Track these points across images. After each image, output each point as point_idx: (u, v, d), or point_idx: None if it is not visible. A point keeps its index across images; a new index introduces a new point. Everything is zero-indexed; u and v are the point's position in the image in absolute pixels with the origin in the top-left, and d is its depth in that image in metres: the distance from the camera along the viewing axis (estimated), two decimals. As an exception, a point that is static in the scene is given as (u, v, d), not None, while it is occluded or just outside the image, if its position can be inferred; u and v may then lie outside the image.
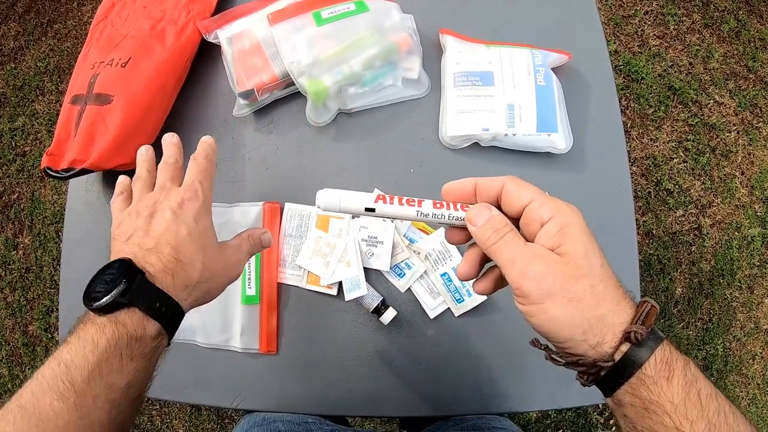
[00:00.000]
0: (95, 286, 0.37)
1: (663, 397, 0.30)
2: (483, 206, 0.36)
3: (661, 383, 0.30)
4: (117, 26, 0.76)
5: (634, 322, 0.31)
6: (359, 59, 0.69)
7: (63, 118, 0.70)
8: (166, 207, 0.42)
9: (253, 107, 0.74)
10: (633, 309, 0.32)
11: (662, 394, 0.30)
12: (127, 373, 0.35)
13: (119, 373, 0.35)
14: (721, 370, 1.53)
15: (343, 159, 0.74)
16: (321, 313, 0.69)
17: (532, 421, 1.50)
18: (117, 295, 0.36)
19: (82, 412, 0.33)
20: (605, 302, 0.32)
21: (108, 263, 0.38)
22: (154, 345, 0.37)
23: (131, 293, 0.36)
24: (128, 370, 0.35)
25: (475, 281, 0.39)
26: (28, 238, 1.70)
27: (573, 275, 0.32)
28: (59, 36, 1.87)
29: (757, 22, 1.75)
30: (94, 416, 0.33)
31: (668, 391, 0.30)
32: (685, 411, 0.29)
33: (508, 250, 0.34)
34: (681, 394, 0.30)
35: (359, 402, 0.67)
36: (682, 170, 1.63)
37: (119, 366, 0.35)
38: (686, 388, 0.30)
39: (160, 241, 0.40)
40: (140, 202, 0.44)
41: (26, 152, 1.76)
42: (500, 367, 0.67)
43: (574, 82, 0.75)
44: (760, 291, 1.57)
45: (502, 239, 0.34)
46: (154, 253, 0.39)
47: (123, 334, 0.36)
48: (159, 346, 0.37)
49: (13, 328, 1.65)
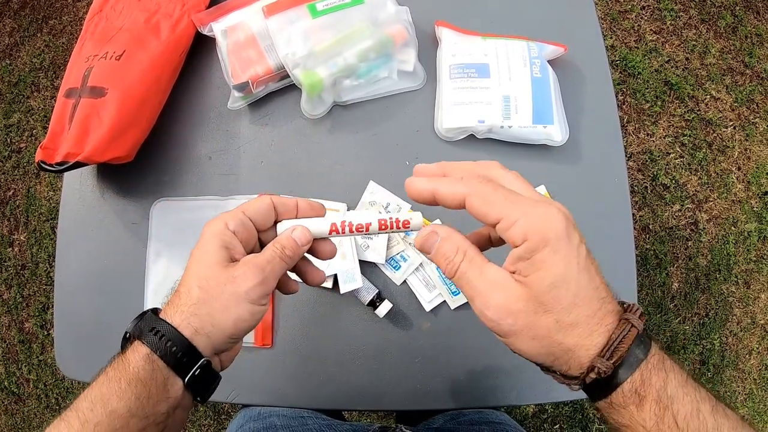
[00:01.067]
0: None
1: (634, 422, 0.30)
2: (430, 232, 0.34)
3: (631, 409, 0.30)
4: (111, 19, 0.75)
5: (603, 353, 0.29)
6: (354, 51, 0.69)
7: (57, 112, 0.70)
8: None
9: (247, 100, 0.74)
10: (607, 335, 0.30)
11: (633, 418, 0.30)
12: (128, 398, 0.33)
13: (119, 398, 0.33)
14: (717, 365, 1.54)
15: (339, 151, 0.73)
16: (316, 307, 0.69)
17: (529, 415, 1.50)
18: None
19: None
20: (574, 335, 0.30)
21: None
22: (143, 367, 0.34)
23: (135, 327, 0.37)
24: (128, 394, 0.33)
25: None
26: (24, 234, 1.69)
27: (536, 311, 0.30)
28: (54, 32, 1.86)
29: (754, 17, 1.75)
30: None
31: (639, 416, 0.29)
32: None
33: (467, 282, 0.32)
34: (653, 419, 0.29)
35: (355, 396, 0.67)
36: (679, 165, 1.63)
37: (118, 389, 0.33)
38: (659, 413, 0.29)
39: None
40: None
41: (21, 149, 1.75)
42: (496, 360, 0.67)
43: (570, 75, 0.75)
44: (756, 286, 1.57)
45: (458, 271, 0.32)
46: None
47: (117, 357, 0.36)
48: (154, 370, 0.34)
49: (9, 325, 1.65)
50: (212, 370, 0.37)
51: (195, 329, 0.35)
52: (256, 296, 0.36)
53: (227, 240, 0.37)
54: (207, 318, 0.35)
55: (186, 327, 0.35)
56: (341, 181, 0.72)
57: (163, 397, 0.35)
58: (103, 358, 0.35)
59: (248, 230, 0.38)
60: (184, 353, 0.35)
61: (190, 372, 0.35)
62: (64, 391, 1.58)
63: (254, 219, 0.39)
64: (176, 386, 0.35)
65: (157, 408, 0.34)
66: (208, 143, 0.75)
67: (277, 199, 0.40)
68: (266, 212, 0.39)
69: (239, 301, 0.36)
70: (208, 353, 0.36)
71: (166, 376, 0.35)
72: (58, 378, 1.58)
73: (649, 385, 0.29)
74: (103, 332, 0.69)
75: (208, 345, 0.36)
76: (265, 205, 0.39)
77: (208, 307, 0.36)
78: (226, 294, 0.36)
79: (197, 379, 0.36)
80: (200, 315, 0.35)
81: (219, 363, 0.39)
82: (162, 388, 0.35)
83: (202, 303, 0.36)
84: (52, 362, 1.59)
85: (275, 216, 0.40)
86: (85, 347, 0.70)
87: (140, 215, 0.73)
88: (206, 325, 0.35)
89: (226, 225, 0.37)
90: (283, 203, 0.40)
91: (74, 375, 0.70)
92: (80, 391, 0.35)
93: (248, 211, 0.39)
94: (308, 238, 0.39)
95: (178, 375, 0.35)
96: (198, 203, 0.72)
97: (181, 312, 0.36)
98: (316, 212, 0.41)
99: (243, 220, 0.38)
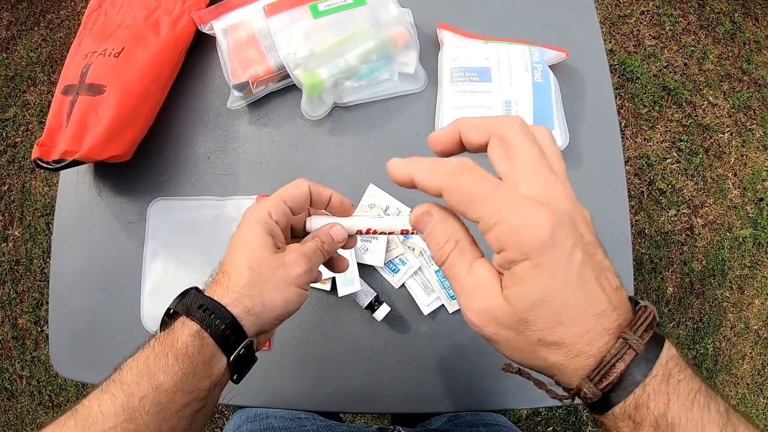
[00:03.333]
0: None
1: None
2: (425, 211, 0.31)
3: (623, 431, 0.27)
4: (111, 16, 0.75)
5: (592, 376, 0.26)
6: (355, 53, 0.69)
7: (54, 109, 0.69)
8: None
9: (247, 99, 0.74)
10: (600, 357, 0.26)
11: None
12: (174, 373, 0.34)
13: (165, 372, 0.34)
14: (711, 369, 1.54)
15: (338, 153, 0.73)
16: (314, 309, 0.69)
17: (522, 418, 1.51)
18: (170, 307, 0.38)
19: (128, 414, 0.32)
20: (558, 353, 0.27)
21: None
22: (191, 343, 0.35)
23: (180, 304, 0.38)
24: (174, 369, 0.34)
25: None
26: (18, 230, 1.68)
27: (517, 326, 0.27)
28: (52, 26, 1.84)
29: (753, 24, 1.76)
30: (140, 420, 0.32)
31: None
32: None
33: (454, 276, 0.29)
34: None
35: (352, 398, 0.67)
36: (675, 170, 1.64)
37: (165, 364, 0.34)
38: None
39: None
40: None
41: (17, 143, 1.74)
42: (493, 364, 0.67)
43: (571, 80, 0.75)
44: (750, 291, 1.58)
45: (447, 261, 0.30)
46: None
47: (162, 333, 0.36)
48: (202, 347, 0.35)
49: (2, 321, 1.63)
50: (253, 351, 0.38)
51: (247, 308, 0.36)
52: (303, 282, 0.39)
53: (271, 228, 0.39)
54: (258, 298, 0.37)
55: (236, 305, 0.36)
56: (341, 183, 0.72)
57: (207, 374, 0.36)
58: (98, 358, 0.35)
59: (288, 218, 0.40)
60: (231, 332, 0.36)
61: (236, 351, 0.36)
62: (57, 388, 1.57)
63: (292, 207, 0.40)
64: (220, 364, 0.36)
65: (201, 384, 0.35)
66: (207, 143, 0.74)
67: (314, 188, 0.41)
68: (303, 201, 0.41)
69: (289, 284, 0.38)
70: (252, 333, 0.37)
71: (213, 353, 0.36)
72: (52, 375, 1.57)
73: (646, 411, 0.26)
74: (98, 332, 0.69)
75: (254, 325, 0.37)
76: (302, 194, 0.41)
77: (260, 288, 0.37)
78: (278, 277, 0.37)
79: (240, 359, 0.37)
80: (252, 295, 0.37)
81: (257, 344, 0.40)
82: (207, 365, 0.35)
83: (255, 284, 0.37)
84: (45, 359, 1.58)
85: (309, 203, 0.42)
86: (80, 346, 0.69)
87: (137, 214, 0.72)
88: (257, 305, 0.37)
89: (269, 214, 0.39)
90: (319, 193, 0.41)
91: (69, 374, 0.70)
92: (73, 389, 0.35)
93: (288, 200, 0.40)
94: (344, 236, 0.41)
95: (224, 353, 0.36)
96: (196, 203, 0.72)
97: (231, 292, 0.37)
98: (345, 209, 0.43)
99: (285, 210, 0.40)
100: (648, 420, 0.26)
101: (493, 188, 0.27)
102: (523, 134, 0.28)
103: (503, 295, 0.27)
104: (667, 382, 0.26)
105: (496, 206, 0.26)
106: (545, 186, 0.27)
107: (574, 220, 0.27)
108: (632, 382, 0.26)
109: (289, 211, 0.40)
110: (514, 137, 0.28)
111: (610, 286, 0.27)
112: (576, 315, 0.26)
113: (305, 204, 0.41)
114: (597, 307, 0.26)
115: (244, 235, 0.39)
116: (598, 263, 0.27)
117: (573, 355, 0.27)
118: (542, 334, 0.26)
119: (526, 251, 0.25)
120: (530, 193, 0.27)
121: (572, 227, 0.26)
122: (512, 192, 0.27)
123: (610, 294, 0.27)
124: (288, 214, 0.40)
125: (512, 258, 0.26)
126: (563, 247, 0.25)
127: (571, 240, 0.26)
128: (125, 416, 0.32)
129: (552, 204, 0.26)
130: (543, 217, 0.25)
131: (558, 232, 0.25)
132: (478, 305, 0.28)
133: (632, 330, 0.26)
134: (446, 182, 0.28)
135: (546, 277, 0.25)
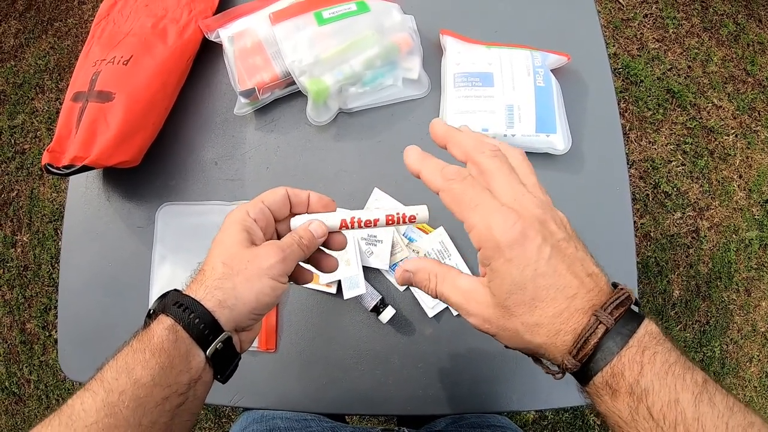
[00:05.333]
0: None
1: (611, 412, 0.30)
2: (402, 270, 0.38)
3: (606, 399, 0.30)
4: (119, 24, 0.76)
5: (571, 350, 0.30)
6: (360, 59, 0.69)
7: (64, 115, 0.70)
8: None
9: (254, 106, 0.75)
10: (576, 334, 0.30)
11: (609, 408, 0.30)
12: (151, 367, 0.34)
13: (143, 367, 0.34)
14: (718, 372, 1.54)
15: (344, 158, 0.74)
16: (320, 312, 0.69)
17: (529, 422, 1.50)
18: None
19: (109, 409, 0.33)
20: (541, 334, 0.31)
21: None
22: (166, 337, 0.36)
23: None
24: (152, 364, 0.35)
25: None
26: (27, 235, 1.69)
27: (503, 315, 0.32)
28: (59, 34, 1.87)
29: (756, 26, 1.76)
30: (120, 415, 0.33)
31: (614, 406, 0.30)
32: (636, 426, 0.29)
33: (447, 299, 0.36)
34: (627, 410, 0.29)
35: (358, 400, 0.67)
36: (681, 173, 1.64)
37: (142, 359, 0.35)
38: (633, 404, 0.29)
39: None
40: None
41: (25, 150, 1.76)
42: (498, 366, 0.67)
43: (574, 84, 0.75)
44: (757, 294, 1.58)
45: (437, 292, 0.36)
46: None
47: (140, 331, 0.37)
48: (177, 341, 0.36)
49: (10, 325, 1.65)
50: (232, 347, 0.39)
51: (219, 301, 0.37)
52: (276, 273, 0.39)
53: (248, 225, 0.40)
54: (231, 291, 0.37)
55: (210, 299, 0.37)
56: (346, 187, 0.73)
57: (185, 369, 0.36)
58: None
59: (267, 218, 0.42)
60: (206, 326, 0.36)
61: (212, 345, 0.37)
62: (65, 392, 1.58)
63: (272, 208, 0.42)
64: (198, 358, 0.37)
65: (179, 378, 0.36)
66: (214, 149, 0.75)
67: (291, 191, 0.43)
68: (282, 202, 0.42)
69: (261, 276, 0.38)
70: (229, 327, 0.38)
71: (189, 347, 0.36)
72: (59, 379, 1.59)
73: (621, 379, 0.29)
74: (107, 335, 0.70)
75: (230, 319, 0.37)
76: (280, 196, 0.42)
77: (232, 281, 0.38)
78: (249, 269, 0.38)
79: (218, 354, 0.37)
80: (224, 288, 0.37)
81: (239, 342, 0.40)
82: (184, 359, 0.36)
83: (226, 277, 0.38)
84: (53, 363, 1.60)
85: (290, 207, 0.43)
86: (89, 350, 0.70)
87: (145, 219, 0.73)
88: (230, 298, 0.37)
89: (247, 212, 0.41)
90: (296, 194, 0.43)
91: (77, 377, 0.70)
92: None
93: (266, 201, 0.42)
94: (324, 231, 0.42)
95: (200, 347, 0.37)
96: (203, 208, 0.73)
97: (205, 287, 0.38)
98: (325, 206, 0.44)
99: (262, 209, 0.41)
100: (623, 387, 0.29)
101: (478, 195, 0.32)
102: (492, 158, 0.33)
103: (487, 289, 0.33)
104: (642, 353, 0.29)
105: (479, 211, 0.31)
106: (518, 196, 0.32)
107: (544, 221, 0.31)
108: (608, 353, 0.30)
109: (268, 211, 0.42)
110: (484, 162, 0.33)
111: (585, 272, 0.31)
112: (548, 298, 0.31)
113: (285, 206, 0.43)
114: (569, 290, 0.31)
115: (222, 234, 0.40)
116: (569, 255, 0.31)
117: (553, 333, 0.31)
118: (523, 318, 0.31)
119: (500, 249, 0.30)
120: (506, 201, 0.32)
121: (541, 227, 0.31)
122: (494, 200, 0.32)
123: (583, 279, 0.31)
124: (267, 213, 0.42)
125: (489, 254, 0.31)
126: (532, 244, 0.30)
127: (540, 237, 0.30)
128: (105, 411, 0.33)
129: (522, 209, 0.31)
130: (512, 219, 0.30)
131: (527, 231, 0.30)
132: (472, 310, 0.34)
133: (603, 309, 0.30)
134: (443, 185, 0.33)
135: (517, 268, 0.30)
